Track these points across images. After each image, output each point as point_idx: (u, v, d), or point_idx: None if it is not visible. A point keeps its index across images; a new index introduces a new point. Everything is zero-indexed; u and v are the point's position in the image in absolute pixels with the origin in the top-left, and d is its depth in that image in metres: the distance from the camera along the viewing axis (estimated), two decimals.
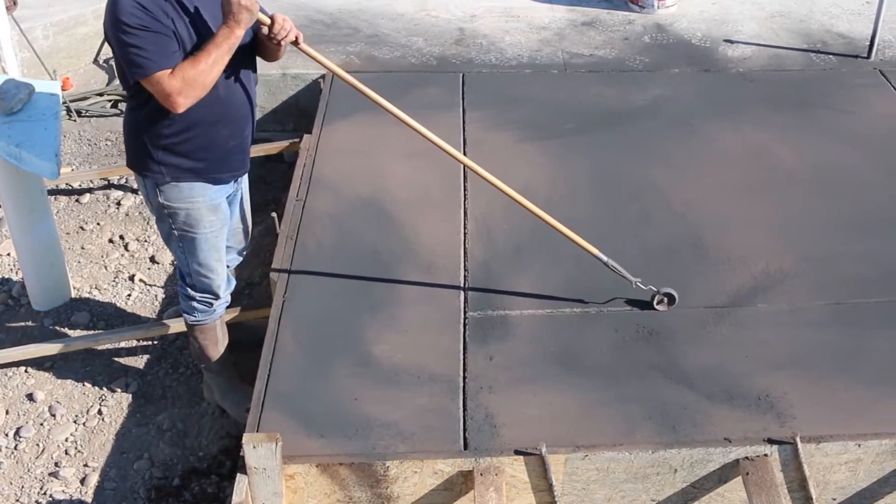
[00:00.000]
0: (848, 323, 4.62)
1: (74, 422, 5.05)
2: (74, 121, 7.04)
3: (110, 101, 7.05)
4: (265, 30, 4.18)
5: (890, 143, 5.97)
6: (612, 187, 5.49)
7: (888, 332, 4.56)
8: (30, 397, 5.16)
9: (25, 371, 5.29)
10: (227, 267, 4.89)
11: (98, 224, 6.43)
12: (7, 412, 5.09)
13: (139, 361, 5.38)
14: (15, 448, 4.91)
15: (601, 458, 3.95)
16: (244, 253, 5.04)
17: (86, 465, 4.84)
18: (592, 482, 4.02)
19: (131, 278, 5.96)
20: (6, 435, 4.98)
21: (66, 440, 4.96)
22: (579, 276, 4.85)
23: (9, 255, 6.13)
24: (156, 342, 5.46)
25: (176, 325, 5.17)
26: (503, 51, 7.05)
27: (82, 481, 4.76)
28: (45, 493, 4.69)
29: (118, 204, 6.58)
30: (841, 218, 5.32)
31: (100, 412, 5.09)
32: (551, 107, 6.33)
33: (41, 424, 5.03)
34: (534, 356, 4.41)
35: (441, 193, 5.44)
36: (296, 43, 4.30)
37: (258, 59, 4.46)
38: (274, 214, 5.33)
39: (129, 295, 5.83)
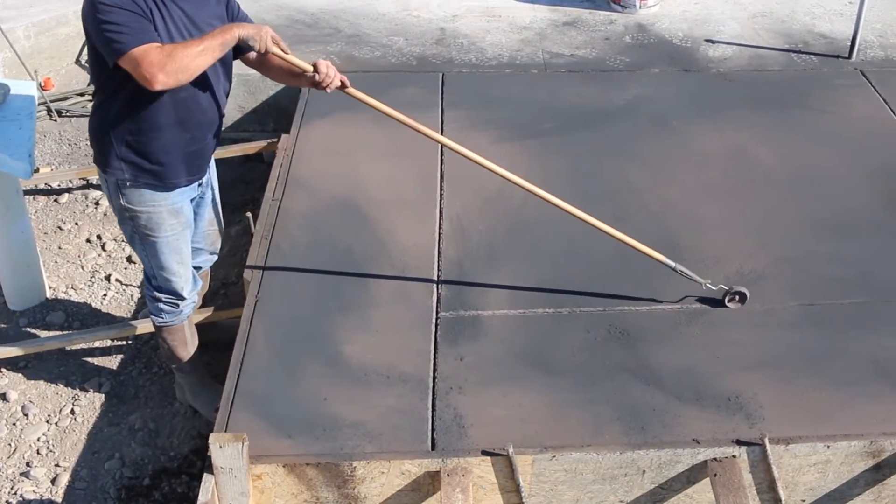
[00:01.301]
0: (820, 324, 4.61)
1: (47, 421, 5.04)
2: (55, 121, 7.04)
3: (91, 101, 7.03)
4: (309, 78, 4.24)
5: (869, 144, 5.96)
6: (588, 187, 5.48)
7: (860, 334, 4.55)
8: (3, 397, 5.15)
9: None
10: (199, 268, 4.90)
11: (76, 224, 6.42)
12: None
13: (113, 361, 5.37)
14: None
15: (569, 458, 3.94)
16: (217, 253, 5.02)
17: (57, 465, 4.82)
18: (560, 483, 4.01)
19: (107, 278, 5.94)
20: None
21: (38, 440, 4.95)
22: (553, 276, 4.85)
23: None
24: (130, 342, 5.45)
25: (149, 326, 5.15)
26: (483, 50, 7.04)
27: (53, 481, 4.75)
28: (15, 493, 4.68)
29: (97, 204, 6.56)
30: (817, 218, 5.32)
31: (72, 412, 5.08)
32: (530, 107, 6.32)
33: (13, 424, 5.01)
34: (505, 356, 4.40)
35: (417, 194, 5.43)
36: (343, 87, 4.32)
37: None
38: (249, 214, 5.32)
39: (105, 295, 5.82)
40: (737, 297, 4.68)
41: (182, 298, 4.70)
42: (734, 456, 3.98)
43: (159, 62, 3.83)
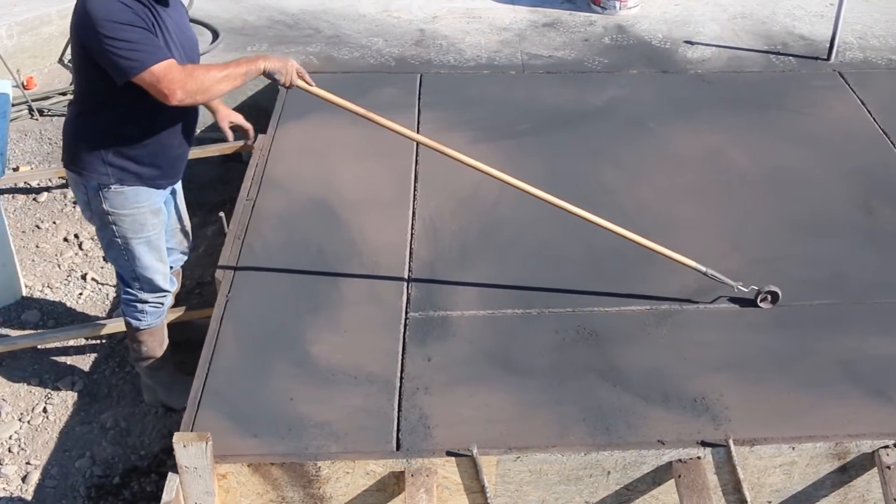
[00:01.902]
0: (790, 325, 4.62)
1: (19, 420, 5.04)
2: (36, 119, 7.03)
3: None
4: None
5: (845, 146, 5.98)
6: (562, 188, 5.42)
7: (829, 335, 4.56)
8: None
9: None
10: (171, 268, 4.90)
11: (54, 223, 6.42)
12: None
13: (87, 360, 5.38)
14: None
15: (533, 459, 3.94)
16: (188, 252, 5.04)
17: (28, 463, 4.83)
18: (525, 484, 4.02)
19: (84, 277, 5.95)
20: None
21: (10, 438, 4.95)
22: (524, 277, 4.86)
23: None
24: (103, 341, 5.46)
25: (122, 325, 5.15)
26: (462, 52, 7.05)
27: (24, 479, 4.75)
28: None
29: (75, 203, 6.55)
30: (791, 220, 5.33)
31: (45, 410, 5.09)
32: (507, 108, 6.33)
33: None
34: (472, 357, 4.41)
35: (391, 194, 5.44)
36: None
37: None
38: (222, 214, 5.32)
39: (81, 294, 5.82)
40: (769, 297, 4.69)
41: (167, 292, 4.74)
42: (699, 457, 3.99)
43: (180, 80, 3.91)
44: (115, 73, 3.97)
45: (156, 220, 4.50)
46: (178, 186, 4.77)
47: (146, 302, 4.69)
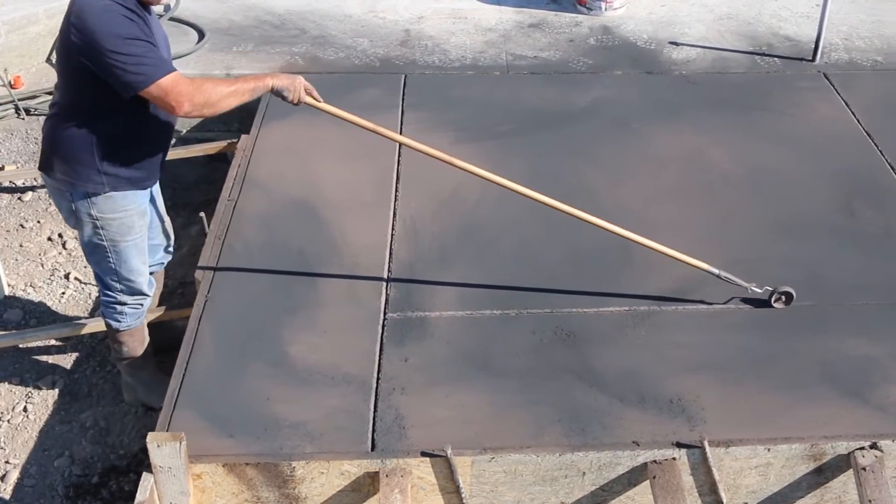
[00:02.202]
0: (767, 326, 4.62)
1: None
2: (23, 119, 7.02)
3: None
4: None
5: (828, 147, 5.99)
6: (544, 188, 5.41)
7: (806, 336, 4.57)
8: None
9: None
10: (154, 267, 4.92)
11: (38, 222, 6.43)
12: None
13: (68, 359, 5.38)
14: None
15: (508, 460, 3.95)
16: (171, 249, 5.05)
17: (7, 462, 4.83)
18: (501, 484, 4.02)
19: (67, 276, 5.96)
20: None
21: None
22: (503, 278, 4.86)
23: None
24: (85, 340, 5.46)
25: (102, 324, 5.16)
26: (447, 52, 7.06)
27: (2, 478, 4.75)
28: None
29: None
30: (772, 221, 5.33)
31: (25, 409, 5.09)
32: (491, 108, 6.33)
33: None
34: (450, 358, 4.41)
35: (372, 195, 5.45)
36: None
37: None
38: (202, 214, 5.33)
39: (64, 293, 5.83)
40: (783, 298, 4.71)
41: (147, 296, 4.75)
42: (674, 458, 3.99)
43: (188, 93, 3.98)
44: (121, 88, 4.00)
45: (142, 222, 4.54)
46: (157, 184, 4.79)
47: (125, 304, 4.70)
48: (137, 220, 4.49)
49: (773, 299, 4.71)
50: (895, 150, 5.94)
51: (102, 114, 4.17)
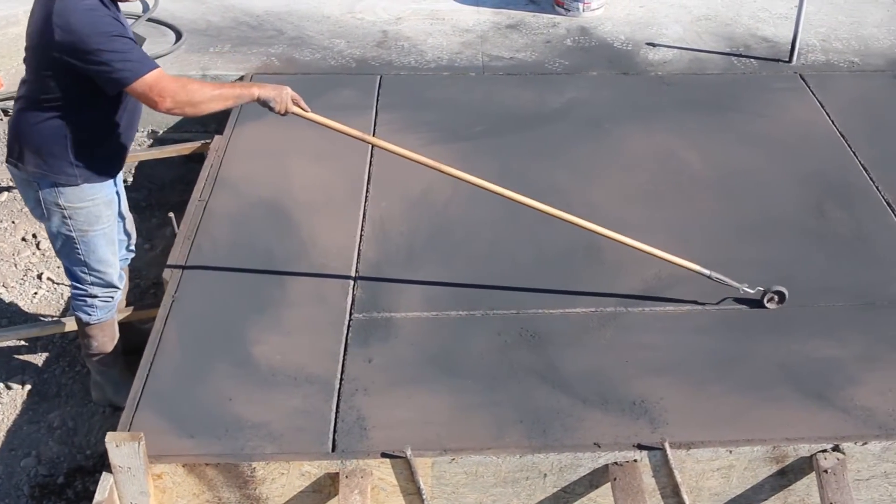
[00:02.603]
0: (733, 328, 4.63)
1: None
2: (1, 119, 7.02)
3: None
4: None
5: (801, 148, 5.99)
6: (514, 189, 5.45)
7: (770, 338, 4.57)
8: None
9: None
10: (125, 260, 4.93)
11: (13, 222, 6.42)
12: None
13: (38, 359, 5.37)
14: None
15: (468, 461, 3.95)
16: (133, 248, 5.05)
17: None
18: (462, 486, 4.02)
19: (39, 276, 5.95)
20: None
21: None
22: (470, 279, 4.87)
23: None
24: (55, 340, 5.45)
25: (73, 324, 5.15)
26: (423, 53, 7.06)
27: None
28: None
29: None
30: (742, 222, 5.34)
31: None
32: (465, 109, 6.34)
33: None
34: (414, 358, 4.42)
35: (343, 196, 5.45)
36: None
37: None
38: (171, 214, 5.32)
39: (36, 293, 5.82)
40: (775, 298, 4.72)
41: (118, 289, 4.75)
42: (635, 460, 3.99)
43: (172, 91, 4.02)
44: (106, 84, 4.04)
45: (109, 211, 4.53)
46: (120, 179, 4.79)
47: (96, 297, 4.70)
48: (104, 209, 4.49)
49: (765, 299, 4.72)
50: (868, 151, 5.95)
51: (76, 108, 4.18)
